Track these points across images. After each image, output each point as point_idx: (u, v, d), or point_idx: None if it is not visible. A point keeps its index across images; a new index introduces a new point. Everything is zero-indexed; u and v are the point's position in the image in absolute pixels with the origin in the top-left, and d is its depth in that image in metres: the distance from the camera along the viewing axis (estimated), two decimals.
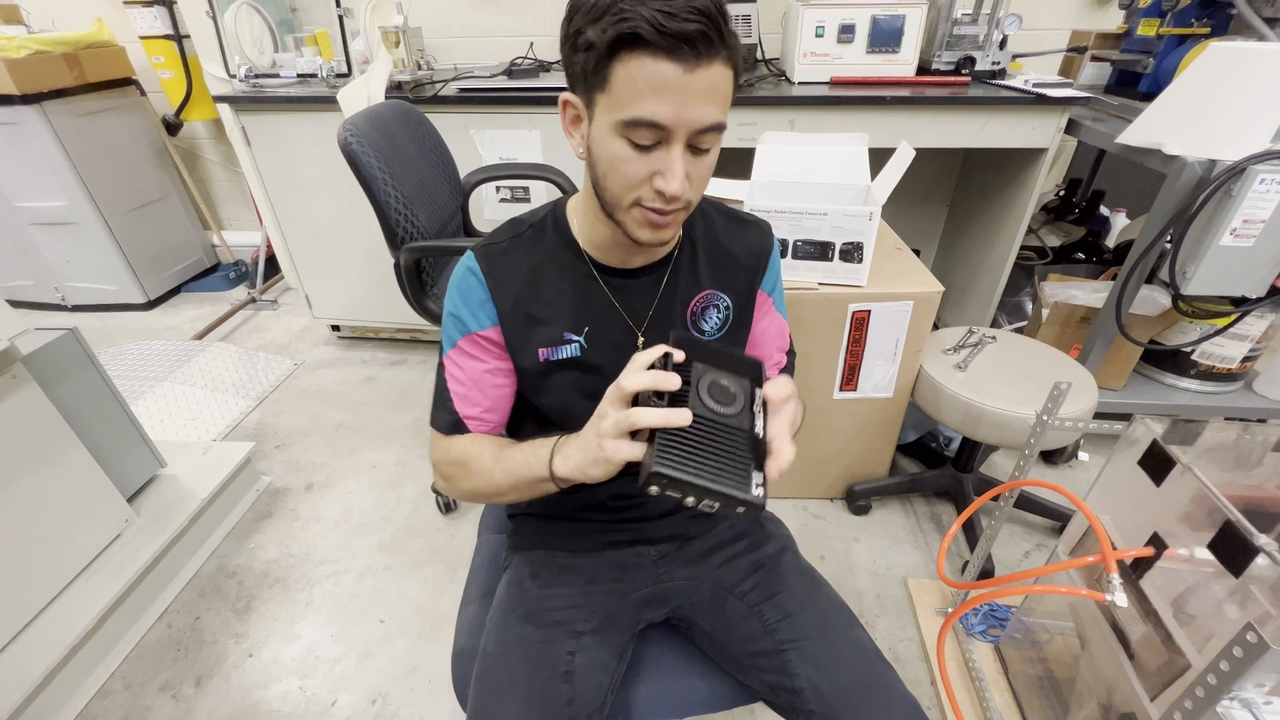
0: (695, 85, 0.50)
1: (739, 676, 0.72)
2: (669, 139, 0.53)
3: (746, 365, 0.55)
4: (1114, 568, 0.77)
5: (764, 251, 0.74)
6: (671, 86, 0.50)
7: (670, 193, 0.54)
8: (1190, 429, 0.85)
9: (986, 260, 1.90)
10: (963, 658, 1.18)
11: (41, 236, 2.38)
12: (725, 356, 0.55)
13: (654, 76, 0.49)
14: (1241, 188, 1.15)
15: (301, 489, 1.65)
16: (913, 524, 1.51)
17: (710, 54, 0.49)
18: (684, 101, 0.50)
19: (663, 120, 0.51)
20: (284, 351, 2.28)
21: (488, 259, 0.66)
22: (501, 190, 1.84)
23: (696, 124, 0.52)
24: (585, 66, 0.52)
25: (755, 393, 0.54)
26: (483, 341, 0.68)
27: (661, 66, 0.49)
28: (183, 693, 1.18)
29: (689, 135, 0.53)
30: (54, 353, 1.23)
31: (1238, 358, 1.47)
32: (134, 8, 2.17)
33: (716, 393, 0.52)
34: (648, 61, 0.49)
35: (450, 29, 2.11)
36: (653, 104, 0.50)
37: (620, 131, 0.53)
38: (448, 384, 0.69)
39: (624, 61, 0.50)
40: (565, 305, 0.67)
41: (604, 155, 0.55)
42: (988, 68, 1.69)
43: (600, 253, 0.67)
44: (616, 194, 0.57)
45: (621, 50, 0.50)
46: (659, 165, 0.54)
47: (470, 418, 0.70)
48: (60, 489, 1.21)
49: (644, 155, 0.54)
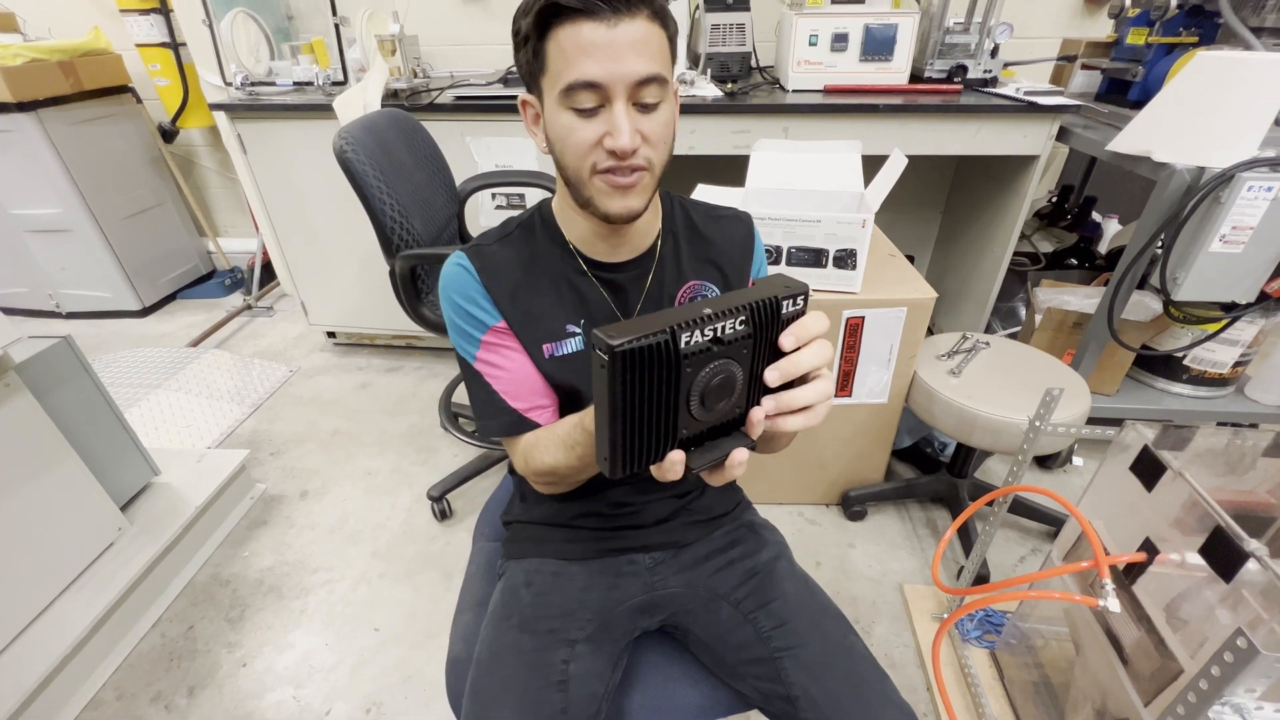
0: (620, 39, 0.52)
1: (734, 684, 0.72)
2: (608, 97, 0.54)
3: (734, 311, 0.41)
4: (1107, 573, 0.77)
5: (747, 239, 0.74)
6: (597, 44, 0.52)
7: (620, 147, 0.54)
8: (1181, 434, 0.86)
9: (980, 266, 1.91)
10: (958, 663, 1.18)
11: (36, 244, 2.38)
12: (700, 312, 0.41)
13: (578, 39, 0.52)
14: (1230, 195, 1.16)
15: (296, 496, 1.65)
16: (908, 529, 1.52)
17: (630, 9, 0.52)
18: (612, 57, 0.52)
19: (595, 77, 0.53)
20: (279, 358, 2.27)
21: (479, 257, 0.67)
22: (497, 197, 1.84)
23: (630, 76, 0.53)
24: (528, 60, 0.56)
25: (755, 362, 0.43)
26: (503, 333, 0.67)
27: (583, 28, 0.51)
28: (175, 703, 1.17)
29: (628, 91, 0.54)
30: (47, 361, 1.23)
31: (1229, 363, 1.48)
32: (130, 15, 2.18)
33: (709, 397, 0.42)
34: (571, 28, 0.52)
35: (446, 37, 2.12)
36: (582, 65, 0.52)
37: (564, 103, 0.55)
38: (492, 385, 0.67)
39: (554, 37, 0.53)
40: (562, 298, 0.68)
41: (556, 133, 0.57)
42: (979, 76, 1.70)
43: (587, 247, 0.67)
44: (575, 167, 0.58)
45: (549, 28, 0.53)
46: (605, 125, 0.55)
47: (525, 411, 0.67)
48: (53, 498, 1.20)
49: (590, 120, 0.55)
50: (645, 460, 0.42)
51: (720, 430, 0.45)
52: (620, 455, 0.41)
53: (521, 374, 0.67)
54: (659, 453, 0.43)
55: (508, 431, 0.68)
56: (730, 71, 1.78)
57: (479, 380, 0.67)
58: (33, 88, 2.09)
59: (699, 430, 0.43)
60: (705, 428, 0.44)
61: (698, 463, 0.44)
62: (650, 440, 0.42)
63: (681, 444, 0.43)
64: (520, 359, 0.67)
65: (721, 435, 0.45)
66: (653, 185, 0.61)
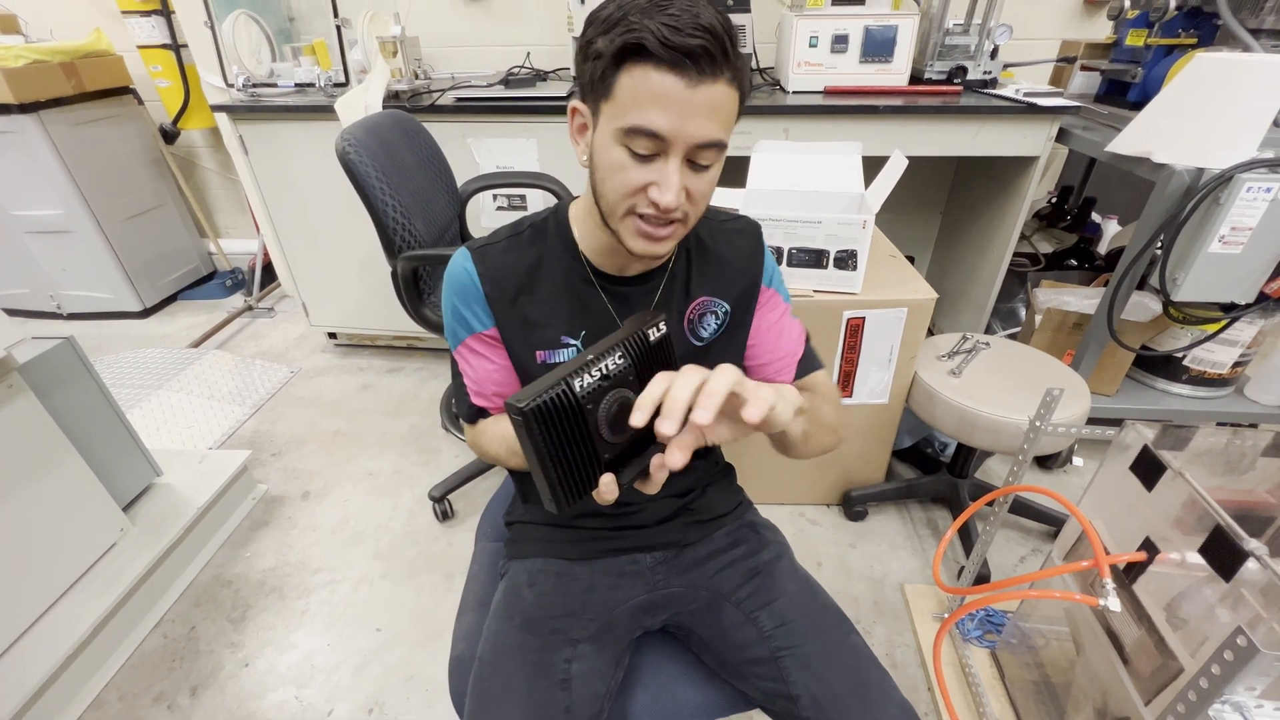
0: (696, 100, 0.51)
1: (736, 684, 0.72)
2: (667, 151, 0.53)
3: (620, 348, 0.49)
4: (1107, 572, 0.77)
5: (755, 249, 0.74)
6: (672, 99, 0.51)
7: (664, 204, 0.55)
8: (1181, 434, 0.86)
9: (980, 267, 1.91)
10: (959, 663, 1.18)
11: (38, 245, 2.38)
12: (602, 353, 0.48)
13: (655, 87, 0.51)
14: (1229, 196, 1.17)
15: (298, 497, 1.65)
16: (909, 529, 1.52)
17: (714, 72, 0.51)
18: (683, 115, 0.51)
19: (661, 130, 0.52)
20: (281, 359, 2.27)
21: (483, 259, 0.67)
22: (499, 198, 1.85)
23: (695, 139, 0.53)
24: (593, 75, 0.54)
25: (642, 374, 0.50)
26: (488, 340, 0.69)
27: (664, 78, 0.50)
28: (178, 703, 1.17)
29: (687, 150, 0.53)
30: (50, 361, 1.23)
31: (1228, 363, 1.49)
32: (132, 17, 2.18)
33: (614, 422, 0.48)
34: (651, 73, 0.50)
35: (447, 39, 2.12)
36: (652, 114, 0.51)
37: (620, 139, 0.54)
38: (462, 377, 0.73)
39: (629, 71, 0.51)
40: (562, 308, 0.68)
41: (604, 162, 0.57)
42: (979, 77, 1.71)
43: (598, 258, 0.68)
44: (613, 202, 0.58)
45: (627, 60, 0.51)
46: (655, 176, 0.55)
47: (492, 406, 0.73)
48: (56, 498, 1.20)
49: (642, 165, 0.54)
50: (582, 490, 0.48)
51: (638, 446, 0.51)
52: (561, 493, 0.47)
53: (490, 377, 0.71)
54: (592, 481, 0.48)
55: (469, 418, 0.75)
56: None
57: (455, 367, 0.74)
58: (34, 89, 2.09)
59: (618, 451, 0.50)
60: (622, 448, 0.50)
61: (626, 478, 0.50)
62: (581, 473, 0.47)
63: (608, 466, 0.49)
64: (490, 366, 0.71)
65: (641, 450, 0.52)
66: (682, 235, 0.61)
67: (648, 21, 0.49)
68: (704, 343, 0.73)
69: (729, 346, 0.74)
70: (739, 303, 0.73)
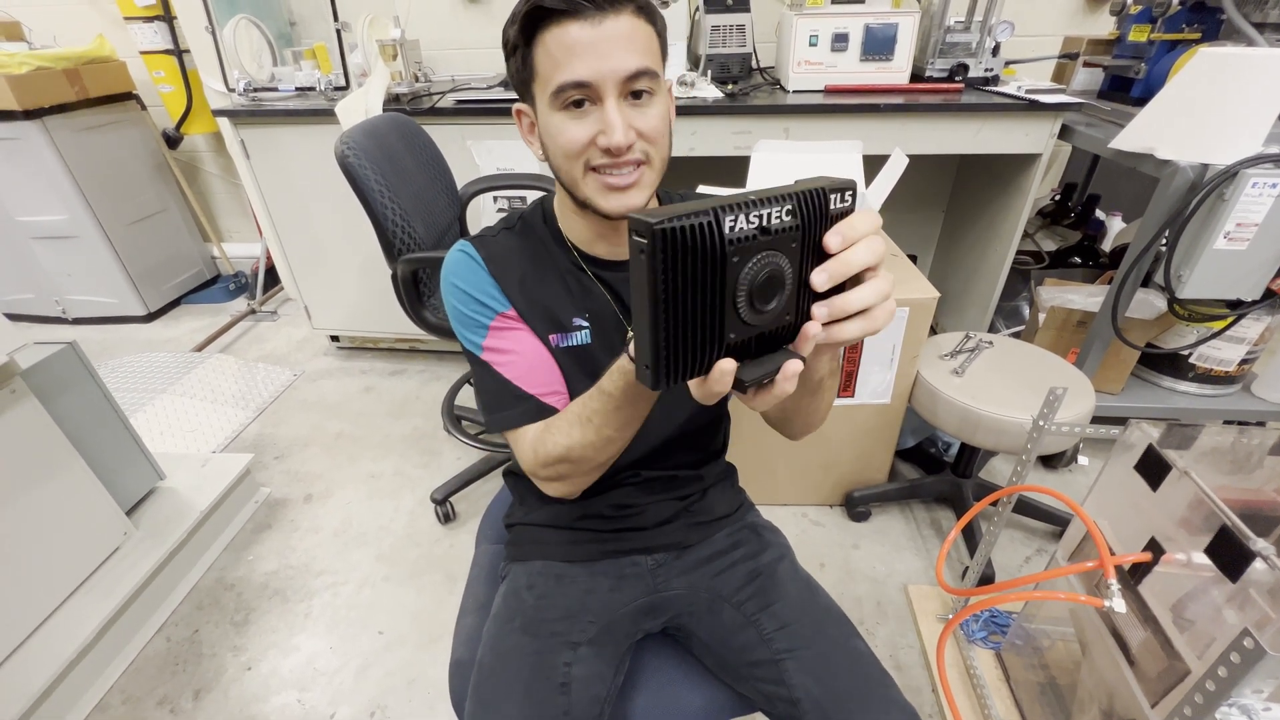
0: (605, 36, 0.52)
1: (737, 687, 0.72)
2: (599, 95, 0.54)
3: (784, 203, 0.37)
4: (1112, 573, 0.76)
5: None
6: (582, 43, 0.52)
7: (615, 143, 0.54)
8: (1187, 433, 0.85)
9: (983, 265, 1.90)
10: (964, 664, 1.17)
11: (42, 250, 2.39)
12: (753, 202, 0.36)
13: (564, 40, 0.52)
14: (1234, 191, 1.16)
15: (300, 500, 1.65)
16: (912, 530, 1.51)
17: (615, 6, 0.52)
18: (599, 54, 0.52)
19: (584, 77, 0.53)
20: (283, 362, 2.28)
21: (485, 246, 0.67)
22: (499, 200, 1.84)
23: (619, 72, 0.53)
24: (518, 69, 0.57)
25: (804, 260, 0.39)
26: (514, 320, 0.66)
27: (569, 29, 0.52)
28: (181, 706, 1.17)
29: (619, 87, 0.54)
30: (53, 366, 1.24)
31: (1235, 360, 1.47)
32: (135, 23, 2.20)
33: (757, 295, 0.37)
34: (557, 30, 0.52)
35: (447, 41, 2.12)
36: (571, 65, 0.53)
37: (555, 106, 0.55)
38: (501, 374, 0.64)
39: (541, 42, 0.54)
40: (567, 292, 0.68)
41: (550, 135, 0.57)
42: (981, 74, 1.70)
43: (586, 246, 0.68)
44: (568, 169, 0.58)
45: (536, 33, 0.53)
46: (597, 124, 0.55)
47: (540, 396, 0.64)
48: (59, 502, 1.21)
49: (582, 119, 0.55)
50: (691, 369, 0.38)
51: (768, 343, 0.40)
52: (664, 361, 0.36)
53: (534, 358, 0.65)
54: (706, 361, 0.38)
55: (528, 419, 0.64)
56: (731, 72, 1.78)
57: (488, 371, 0.65)
58: (38, 95, 2.10)
59: (747, 337, 0.38)
60: (754, 335, 0.39)
61: (749, 375, 0.38)
62: (696, 344, 0.37)
63: (730, 352, 0.38)
64: (531, 341, 0.66)
65: (768, 350, 0.40)
66: (654, 181, 0.60)
67: None
68: None
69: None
70: None
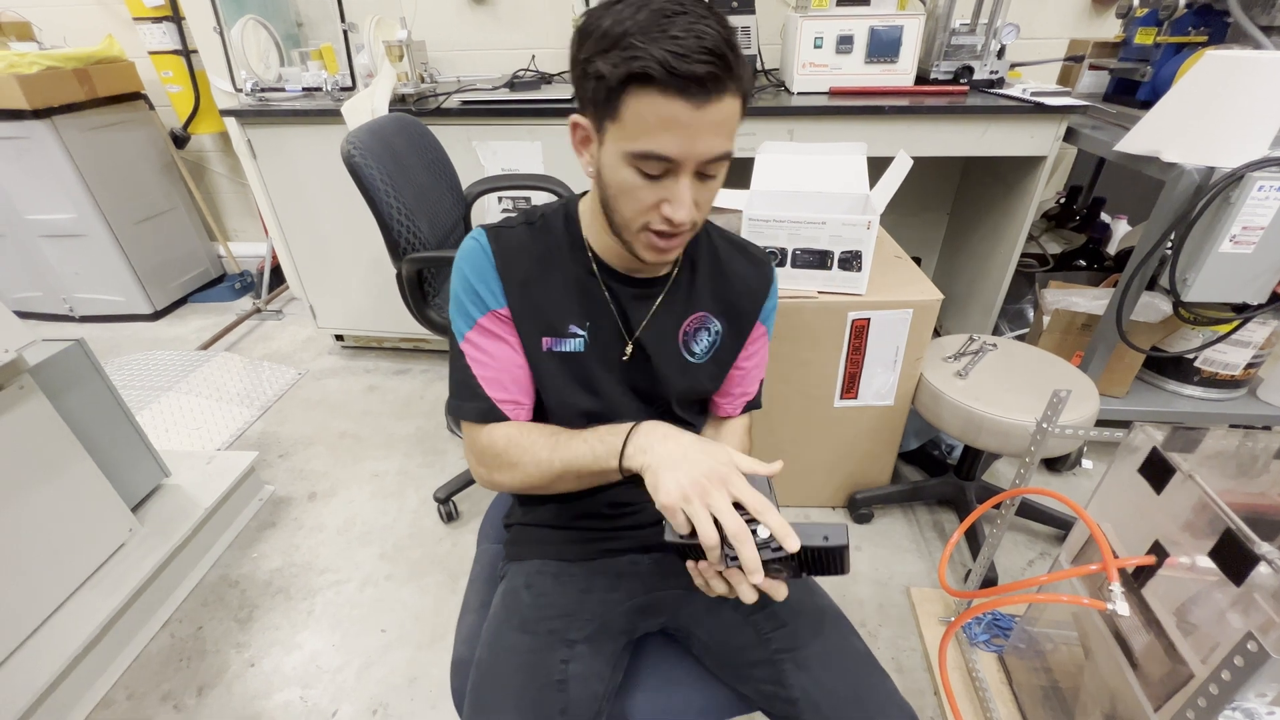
0: (704, 120, 0.51)
1: (735, 686, 0.72)
2: (677, 170, 0.54)
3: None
4: (1115, 576, 0.76)
5: (763, 288, 0.76)
6: (681, 122, 0.51)
7: (678, 220, 0.56)
8: (1191, 436, 0.85)
9: (987, 268, 1.90)
10: (966, 667, 1.17)
11: (51, 249, 2.41)
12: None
13: (664, 112, 0.51)
14: (1240, 195, 1.15)
15: (304, 498, 1.66)
16: (915, 532, 1.51)
17: (719, 90, 0.51)
18: (693, 136, 0.52)
19: (672, 154, 0.53)
20: (288, 361, 2.29)
21: (498, 239, 0.67)
22: (503, 200, 1.85)
23: (705, 156, 0.54)
24: (596, 95, 0.53)
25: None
26: (503, 319, 0.67)
27: (672, 104, 0.50)
28: (184, 703, 1.18)
29: (697, 165, 0.54)
30: (61, 363, 1.25)
31: (1241, 364, 1.47)
32: (143, 24, 2.21)
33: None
34: (658, 99, 0.50)
35: (453, 42, 2.13)
36: (662, 139, 0.52)
37: (630, 161, 0.54)
38: (471, 369, 0.67)
39: (635, 95, 0.51)
40: (570, 297, 0.68)
41: (613, 181, 0.57)
42: (986, 77, 1.70)
43: (606, 255, 0.68)
44: (625, 218, 0.58)
45: (632, 85, 0.50)
46: (667, 193, 0.55)
47: (501, 402, 0.67)
48: (66, 499, 1.22)
49: (652, 184, 0.55)
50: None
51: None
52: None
53: (505, 366, 0.68)
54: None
55: (479, 418, 0.68)
56: None
57: (460, 360, 0.67)
58: (48, 95, 2.12)
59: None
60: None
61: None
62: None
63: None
64: (508, 352, 0.67)
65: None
66: (690, 238, 0.62)
67: (652, 49, 0.48)
68: (696, 359, 0.74)
69: (716, 369, 0.76)
70: (731, 326, 0.75)
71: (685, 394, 0.75)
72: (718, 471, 0.53)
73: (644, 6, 0.50)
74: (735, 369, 0.78)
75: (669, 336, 0.71)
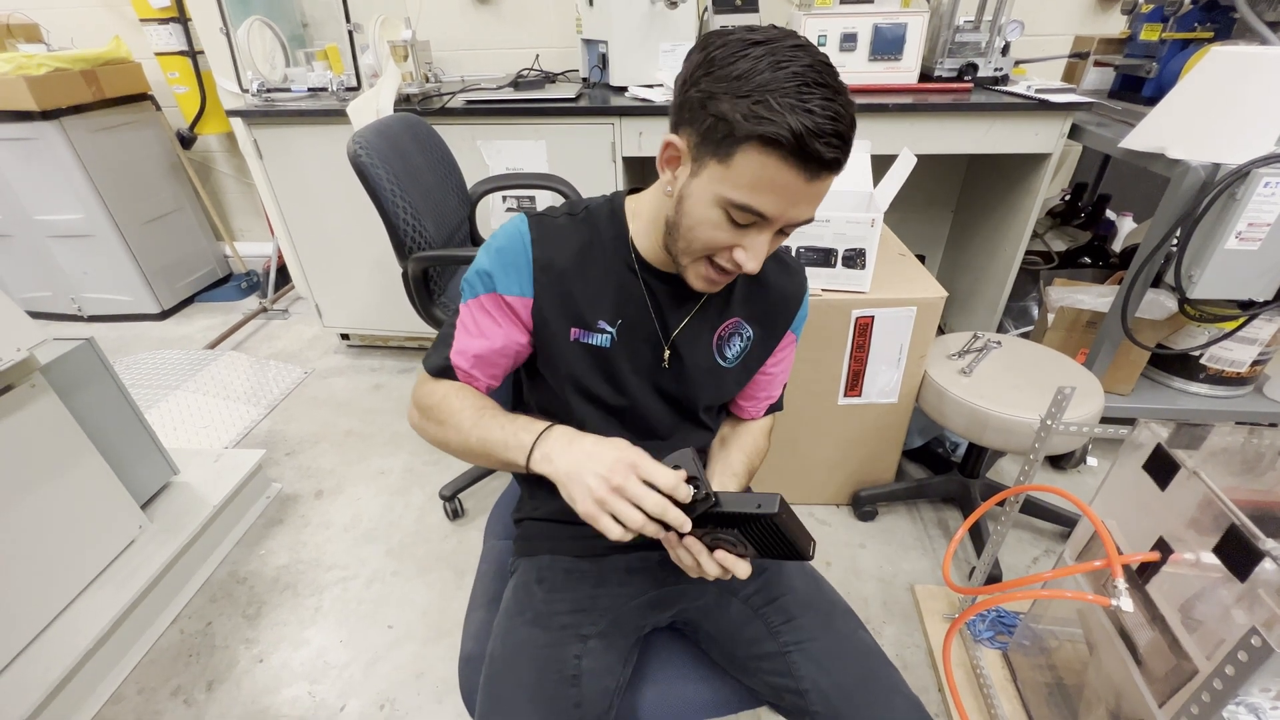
0: (810, 191, 0.53)
1: (744, 680, 0.72)
2: (764, 226, 0.56)
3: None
4: (1119, 572, 0.76)
5: (797, 297, 0.77)
6: (789, 190, 0.52)
7: (748, 270, 0.57)
8: (1196, 433, 0.85)
9: (992, 265, 1.90)
10: (970, 664, 1.17)
11: (59, 249, 2.43)
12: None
13: (777, 178, 0.51)
14: (1246, 191, 1.15)
15: (311, 495, 1.67)
16: (919, 530, 1.51)
17: (834, 170, 0.52)
18: (795, 203, 0.54)
19: (770, 214, 0.54)
20: (294, 360, 2.30)
21: (539, 227, 0.67)
22: (508, 199, 1.86)
23: (796, 220, 0.56)
24: (709, 132, 0.53)
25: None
26: (505, 306, 0.67)
27: (788, 173, 0.51)
28: (194, 697, 1.19)
29: (783, 224, 0.56)
30: (71, 362, 1.26)
31: (1247, 361, 1.46)
32: (150, 25, 2.22)
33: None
34: (777, 164, 0.50)
35: (457, 42, 2.14)
36: (766, 199, 0.53)
37: (723, 204, 0.55)
38: (455, 328, 0.69)
39: (755, 151, 0.50)
40: (606, 293, 0.68)
41: (695, 213, 0.57)
42: (990, 74, 1.69)
43: (649, 253, 0.69)
44: (693, 248, 0.59)
45: (755, 141, 0.50)
46: (745, 242, 0.57)
47: (459, 368, 0.68)
48: (76, 496, 1.23)
49: (735, 230, 0.56)
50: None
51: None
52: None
53: (491, 347, 0.68)
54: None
55: (432, 371, 0.69)
56: None
57: (454, 320, 0.69)
58: (56, 96, 2.13)
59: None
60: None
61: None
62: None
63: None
64: (494, 331, 0.68)
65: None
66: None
67: (790, 118, 0.48)
68: (728, 364, 0.75)
69: (744, 373, 0.77)
70: (763, 333, 0.76)
71: (713, 398, 0.76)
72: (623, 459, 0.53)
73: (784, 66, 0.49)
74: (762, 374, 0.79)
75: (704, 340, 0.72)
